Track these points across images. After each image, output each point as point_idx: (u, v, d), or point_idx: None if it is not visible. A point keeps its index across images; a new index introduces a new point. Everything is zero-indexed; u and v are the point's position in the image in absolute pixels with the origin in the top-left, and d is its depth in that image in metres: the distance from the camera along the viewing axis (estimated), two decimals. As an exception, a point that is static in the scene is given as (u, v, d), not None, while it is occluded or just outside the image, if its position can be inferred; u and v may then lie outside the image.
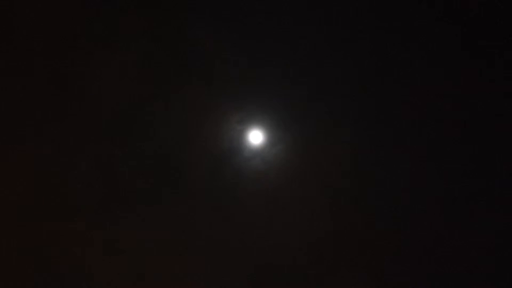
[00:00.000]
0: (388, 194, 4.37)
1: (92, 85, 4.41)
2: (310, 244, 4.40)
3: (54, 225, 4.33)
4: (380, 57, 4.37)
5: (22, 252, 4.31)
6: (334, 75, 4.41)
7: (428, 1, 4.31)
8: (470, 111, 4.35)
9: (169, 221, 4.41)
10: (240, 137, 4.48)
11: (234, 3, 4.38)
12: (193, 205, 4.42)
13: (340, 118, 4.43)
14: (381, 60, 4.37)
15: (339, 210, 4.41)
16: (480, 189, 4.29)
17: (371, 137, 4.40)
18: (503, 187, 4.27)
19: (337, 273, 4.34)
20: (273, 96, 4.45)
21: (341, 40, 4.40)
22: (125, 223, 4.39)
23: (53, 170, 4.37)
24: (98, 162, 4.42)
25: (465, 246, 4.29)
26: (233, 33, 4.42)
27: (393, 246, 4.35)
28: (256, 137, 4.51)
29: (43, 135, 4.36)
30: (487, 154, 4.33)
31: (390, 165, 4.39)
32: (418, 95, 4.36)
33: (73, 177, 4.38)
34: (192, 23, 4.42)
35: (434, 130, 4.36)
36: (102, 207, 4.39)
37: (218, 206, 4.45)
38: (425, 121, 4.37)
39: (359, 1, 4.35)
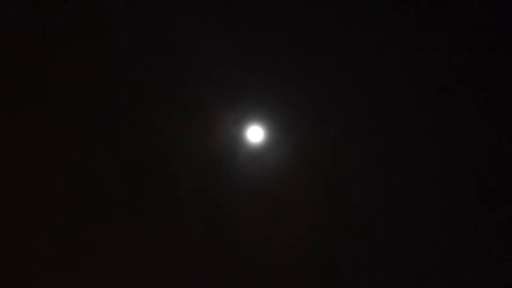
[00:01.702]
0: (393, 199, 4.28)
1: (68, 82, 4.15)
2: (313, 262, 4.26)
3: (24, 237, 4.11)
4: (386, 55, 4.27)
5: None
6: (335, 74, 4.26)
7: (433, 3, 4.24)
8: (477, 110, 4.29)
9: (156, 234, 4.19)
10: (235, 140, 4.26)
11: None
12: (182, 217, 4.22)
13: (341, 121, 4.30)
14: (387, 58, 4.27)
15: (344, 223, 4.29)
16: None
17: (378, 141, 4.30)
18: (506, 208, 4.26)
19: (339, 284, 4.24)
20: (271, 95, 4.24)
21: (344, 37, 4.25)
22: (105, 238, 4.16)
23: (19, 177, 4.12)
24: (73, 168, 4.17)
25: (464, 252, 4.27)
26: (226, 25, 4.20)
27: (397, 252, 4.27)
28: (252, 140, 4.28)
29: (10, 138, 4.11)
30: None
31: (397, 170, 4.29)
32: (424, 93, 4.27)
33: (43, 185, 4.12)
34: (181, 14, 4.17)
35: (440, 130, 4.28)
36: (78, 220, 4.15)
37: (211, 217, 4.24)
38: (430, 122, 4.28)
39: None
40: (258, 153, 4.25)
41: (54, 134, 4.15)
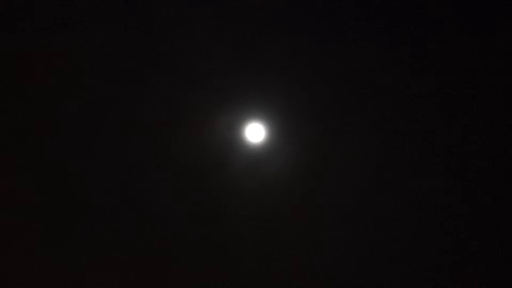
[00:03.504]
0: (394, 197, 4.19)
1: (38, 80, 4.01)
2: (318, 264, 4.12)
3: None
4: (391, 55, 4.22)
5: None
6: (338, 71, 4.16)
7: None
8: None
9: (152, 243, 4.01)
10: (228, 146, 4.08)
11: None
12: (167, 235, 4.04)
13: (344, 120, 4.19)
14: (392, 58, 4.22)
15: (346, 225, 4.18)
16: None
17: (380, 139, 4.23)
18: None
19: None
20: (270, 95, 4.12)
21: (345, 34, 4.20)
22: (77, 255, 3.96)
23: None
24: (42, 177, 4.00)
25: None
26: (221, 21, 4.08)
27: (402, 257, 4.18)
28: (249, 145, 4.10)
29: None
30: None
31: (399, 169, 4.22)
32: (427, 93, 4.22)
33: (9, 195, 3.95)
34: (172, 9, 4.02)
35: (443, 128, 4.22)
36: (53, 237, 3.97)
37: (199, 235, 4.07)
38: (435, 122, 4.22)
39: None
40: (253, 163, 4.10)
41: (27, 137, 4.03)
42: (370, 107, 4.19)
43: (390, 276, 4.15)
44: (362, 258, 4.18)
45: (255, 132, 4.10)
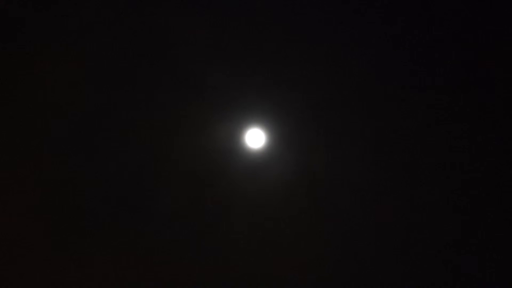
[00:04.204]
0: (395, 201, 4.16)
1: (38, 80, 3.96)
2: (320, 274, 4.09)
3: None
4: (391, 60, 4.18)
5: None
6: (339, 77, 4.13)
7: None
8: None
9: (136, 257, 3.97)
10: (228, 152, 4.04)
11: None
12: (166, 241, 3.99)
13: (345, 125, 4.15)
14: (392, 64, 4.18)
15: (349, 231, 4.15)
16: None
17: (381, 145, 4.19)
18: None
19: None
20: (270, 101, 4.07)
21: (345, 37, 4.14)
22: (77, 256, 3.93)
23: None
24: (42, 177, 3.95)
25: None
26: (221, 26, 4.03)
27: (403, 260, 4.16)
28: (249, 151, 4.06)
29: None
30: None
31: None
32: (430, 96, 4.18)
33: (8, 203, 3.92)
34: (171, 15, 3.97)
35: (446, 131, 4.19)
36: (47, 236, 3.93)
37: (199, 241, 4.02)
38: (437, 125, 4.18)
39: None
40: (253, 171, 4.06)
41: (27, 137, 4.00)
42: (371, 112, 4.15)
43: (390, 278, 4.11)
44: (362, 265, 4.14)
45: (255, 138, 4.05)
